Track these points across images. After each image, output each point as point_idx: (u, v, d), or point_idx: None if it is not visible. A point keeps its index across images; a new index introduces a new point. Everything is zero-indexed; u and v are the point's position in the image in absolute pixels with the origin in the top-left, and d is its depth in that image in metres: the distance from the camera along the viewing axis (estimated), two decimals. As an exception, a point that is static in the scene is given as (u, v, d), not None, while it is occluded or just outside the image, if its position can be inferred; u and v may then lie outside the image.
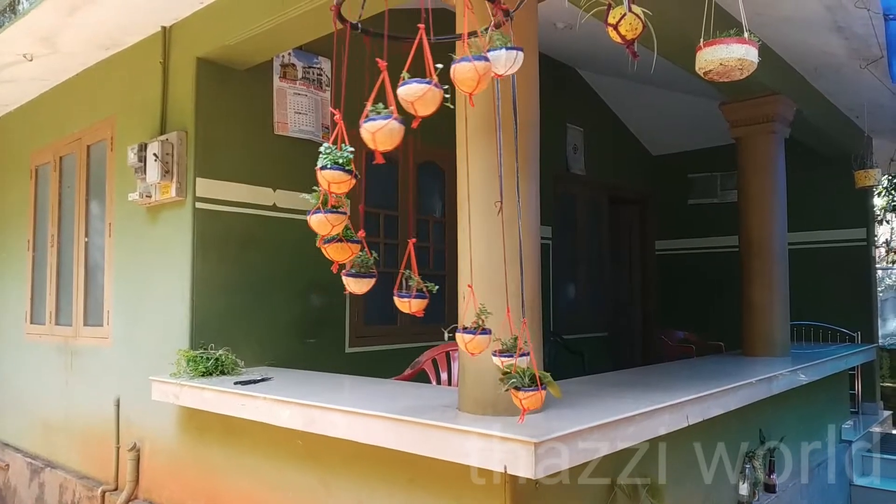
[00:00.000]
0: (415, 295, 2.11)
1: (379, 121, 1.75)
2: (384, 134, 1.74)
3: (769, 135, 5.15)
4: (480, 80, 1.79)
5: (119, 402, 4.61)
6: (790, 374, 4.40)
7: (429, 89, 1.71)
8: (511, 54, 1.90)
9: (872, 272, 7.61)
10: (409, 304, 2.11)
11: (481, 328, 2.14)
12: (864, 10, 3.62)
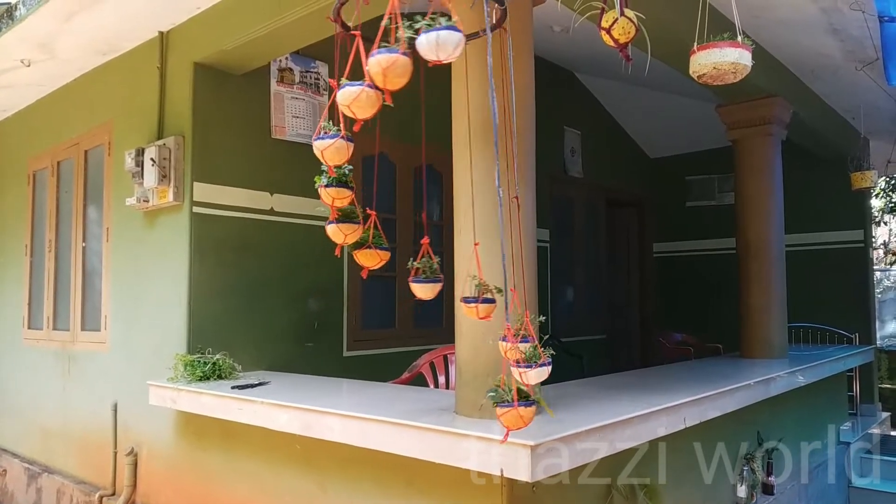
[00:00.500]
0: (483, 299, 2.07)
1: (389, 54, 1.69)
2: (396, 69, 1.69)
3: (766, 137, 5.16)
4: (385, 73, 1.68)
5: (116, 406, 4.61)
6: (788, 375, 4.40)
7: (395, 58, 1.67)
8: (436, 36, 1.65)
9: (870, 274, 7.62)
10: (477, 310, 2.08)
11: (482, 297, 2.09)
12: (860, 13, 3.63)
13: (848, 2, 3.59)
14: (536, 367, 1.89)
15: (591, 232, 7.88)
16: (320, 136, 1.91)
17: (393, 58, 1.67)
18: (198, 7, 4.14)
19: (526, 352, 1.95)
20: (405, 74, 1.71)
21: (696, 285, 8.35)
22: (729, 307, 5.48)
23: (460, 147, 2.69)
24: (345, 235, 2.14)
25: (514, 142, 2.50)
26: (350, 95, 1.74)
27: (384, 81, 1.70)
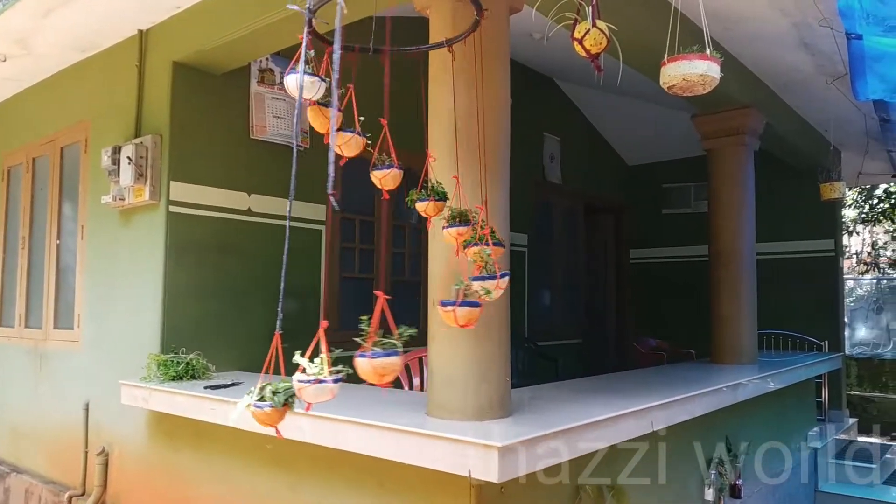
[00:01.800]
0: (461, 302, 1.96)
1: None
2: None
3: (739, 147, 5.27)
4: (381, 182, 2.15)
5: (88, 406, 4.57)
6: (757, 381, 4.49)
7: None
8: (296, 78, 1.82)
9: (840, 282, 7.78)
10: (455, 314, 1.96)
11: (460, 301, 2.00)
12: (829, 29, 3.73)
13: (817, 18, 3.68)
14: (315, 384, 1.64)
15: (569, 237, 7.95)
16: (377, 167, 2.14)
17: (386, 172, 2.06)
18: (178, 6, 4.14)
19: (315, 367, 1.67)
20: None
21: (671, 291, 8.46)
22: (702, 314, 5.57)
23: (435, 151, 2.72)
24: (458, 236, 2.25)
25: (482, 147, 2.54)
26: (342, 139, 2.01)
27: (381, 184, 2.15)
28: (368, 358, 1.57)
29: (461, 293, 1.96)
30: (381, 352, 1.57)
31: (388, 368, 1.58)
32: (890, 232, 15.86)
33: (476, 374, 2.62)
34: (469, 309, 1.94)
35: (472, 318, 1.95)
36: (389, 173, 2.12)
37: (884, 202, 14.52)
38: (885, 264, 15.66)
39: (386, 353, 1.58)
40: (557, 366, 6.46)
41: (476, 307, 1.96)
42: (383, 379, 1.60)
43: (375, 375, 1.59)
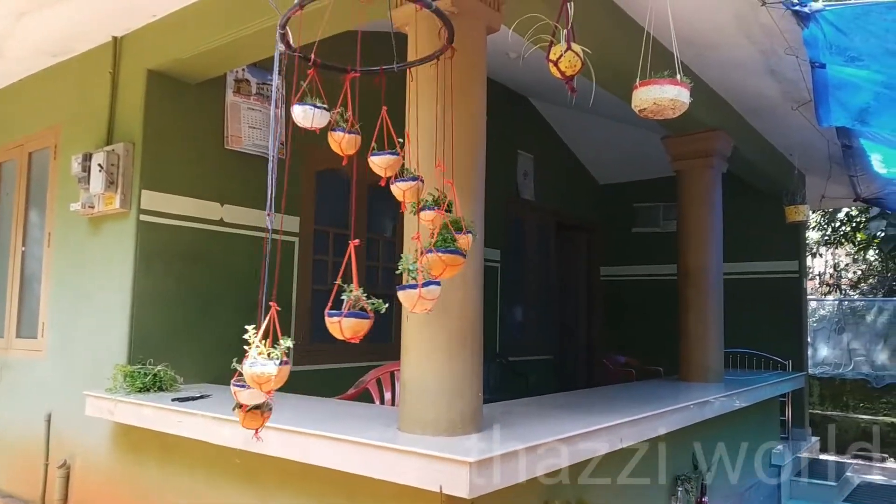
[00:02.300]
0: (348, 313, 1.73)
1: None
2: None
3: (708, 169, 5.39)
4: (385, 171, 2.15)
5: (50, 417, 4.46)
6: (723, 399, 4.56)
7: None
8: (302, 110, 2.13)
9: (804, 303, 7.96)
10: (341, 326, 1.74)
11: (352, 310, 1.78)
12: (794, 57, 3.85)
13: (784, 46, 3.80)
14: (247, 389, 1.77)
15: (542, 254, 8.03)
16: (402, 179, 2.18)
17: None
18: (154, 15, 4.12)
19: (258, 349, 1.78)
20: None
21: (641, 309, 8.58)
22: (671, 331, 5.66)
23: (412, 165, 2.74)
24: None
25: (457, 163, 2.57)
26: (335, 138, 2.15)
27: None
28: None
29: (349, 303, 1.76)
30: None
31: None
32: (851, 254, 16.30)
33: (449, 388, 2.63)
34: (356, 321, 1.75)
35: (359, 331, 1.76)
36: (413, 185, 2.18)
37: (845, 225, 14.92)
38: (846, 286, 16.06)
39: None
40: (528, 381, 6.49)
41: (365, 319, 1.76)
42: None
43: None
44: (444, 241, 2.08)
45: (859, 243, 15.00)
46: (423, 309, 1.97)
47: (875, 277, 15.37)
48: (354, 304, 1.75)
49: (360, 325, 1.75)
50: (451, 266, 2.06)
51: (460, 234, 2.14)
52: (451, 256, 2.06)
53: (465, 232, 2.18)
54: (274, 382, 1.69)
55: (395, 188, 2.20)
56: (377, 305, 1.77)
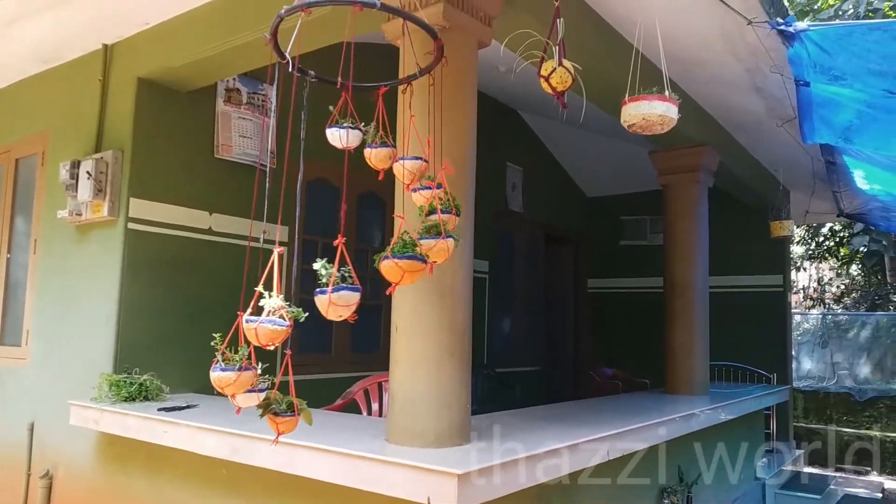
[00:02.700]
0: (263, 320, 1.72)
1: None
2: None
3: (694, 183, 5.45)
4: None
5: (33, 426, 4.41)
6: (709, 412, 4.59)
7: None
8: (338, 133, 2.15)
9: (788, 317, 8.04)
10: (256, 332, 1.72)
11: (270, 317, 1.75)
12: (779, 75, 3.92)
13: (769, 64, 3.87)
14: (246, 393, 1.88)
15: (530, 266, 8.06)
16: (417, 188, 2.19)
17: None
18: (146, 23, 4.12)
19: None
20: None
21: (628, 321, 8.62)
22: (657, 344, 5.69)
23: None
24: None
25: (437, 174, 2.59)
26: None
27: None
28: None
29: (268, 311, 1.74)
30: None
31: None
32: (835, 268, 16.49)
33: (437, 399, 2.63)
34: (272, 328, 1.72)
35: (274, 338, 1.73)
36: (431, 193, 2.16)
37: (829, 240, 15.10)
38: (830, 300, 16.23)
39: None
40: (516, 393, 6.50)
41: (282, 327, 1.73)
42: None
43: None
44: (402, 247, 1.93)
45: (843, 258, 15.18)
46: (338, 316, 1.85)
47: (858, 292, 15.56)
48: (273, 312, 1.73)
49: (276, 333, 1.73)
50: (409, 273, 1.92)
51: (448, 213, 2.07)
52: (410, 262, 1.92)
53: (454, 213, 2.11)
54: (235, 386, 1.80)
55: (414, 198, 2.21)
56: (296, 314, 1.77)
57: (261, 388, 1.87)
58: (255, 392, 1.87)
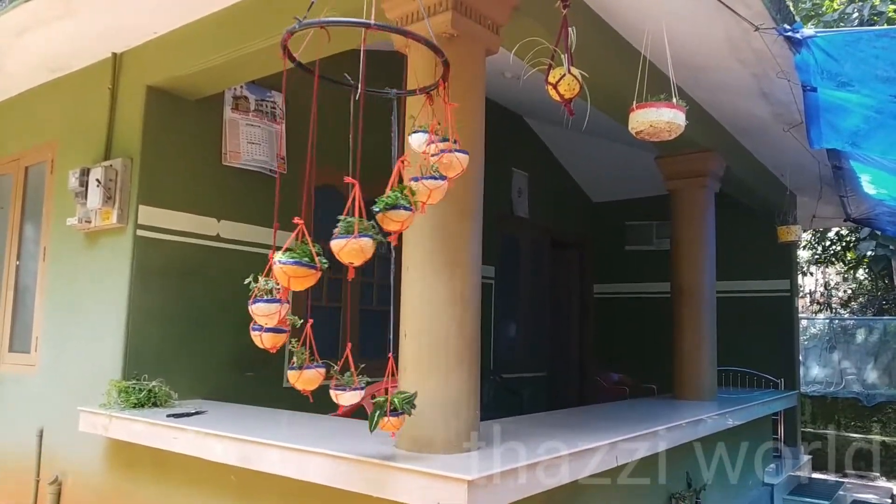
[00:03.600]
0: (266, 329, 1.94)
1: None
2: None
3: (701, 188, 5.45)
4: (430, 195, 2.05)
5: (42, 432, 4.43)
6: (717, 417, 4.58)
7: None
8: (439, 183, 2.10)
9: (795, 322, 8.01)
10: (261, 338, 1.97)
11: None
12: (786, 81, 3.92)
13: (776, 70, 3.87)
14: (350, 391, 2.16)
15: (535, 271, 8.06)
16: (430, 177, 2.09)
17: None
18: (155, 32, 4.15)
19: (343, 377, 2.21)
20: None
21: (633, 327, 8.60)
22: (664, 349, 5.69)
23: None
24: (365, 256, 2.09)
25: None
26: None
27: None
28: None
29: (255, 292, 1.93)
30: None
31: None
32: (841, 273, 16.42)
33: (446, 406, 2.64)
34: (273, 334, 2.01)
35: (277, 343, 2.05)
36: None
37: (836, 244, 15.05)
38: (837, 304, 16.17)
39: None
40: (522, 399, 6.49)
41: (282, 333, 1.99)
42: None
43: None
44: (289, 251, 1.87)
45: (849, 262, 15.12)
46: (264, 323, 1.96)
47: (865, 296, 15.49)
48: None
49: (278, 338, 1.99)
50: (296, 278, 1.86)
51: (454, 151, 2.08)
52: (295, 268, 1.86)
53: (459, 151, 2.11)
54: (276, 318, 1.91)
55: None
56: (293, 321, 2.02)
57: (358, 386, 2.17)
58: (356, 390, 2.18)
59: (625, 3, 3.61)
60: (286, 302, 2.00)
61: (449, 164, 2.09)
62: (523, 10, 3.12)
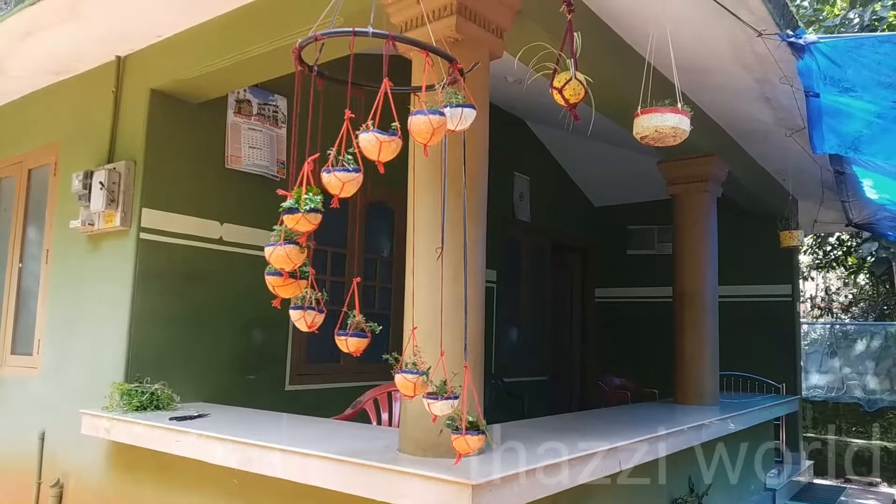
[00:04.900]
0: (352, 333, 2.13)
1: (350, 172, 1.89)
2: (353, 184, 1.90)
3: (703, 193, 5.45)
4: (434, 132, 1.92)
5: (44, 435, 4.42)
6: (719, 422, 4.58)
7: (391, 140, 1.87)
8: (461, 111, 2.01)
9: (797, 326, 8.01)
10: (347, 343, 2.13)
11: (352, 331, 2.17)
12: (789, 86, 3.93)
13: (778, 75, 3.88)
14: (442, 400, 2.11)
15: (537, 275, 8.06)
16: (342, 169, 1.90)
17: (388, 138, 1.88)
18: (158, 35, 4.16)
19: (437, 386, 2.15)
20: (396, 151, 1.91)
21: (635, 331, 8.59)
22: (666, 354, 5.68)
23: (415, 190, 2.78)
24: (293, 263, 2.12)
25: (465, 187, 2.61)
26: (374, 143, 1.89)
27: (378, 156, 1.89)
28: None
29: (352, 325, 2.16)
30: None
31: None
32: (842, 278, 16.41)
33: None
34: (358, 339, 2.16)
35: (360, 346, 2.16)
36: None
37: (836, 249, 15.05)
38: (838, 309, 16.16)
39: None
40: (524, 403, 6.48)
41: (364, 338, 2.15)
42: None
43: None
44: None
45: (850, 267, 15.11)
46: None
47: (866, 301, 15.48)
48: (356, 327, 2.15)
49: (361, 343, 2.16)
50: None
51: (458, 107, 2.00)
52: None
53: (466, 105, 2.02)
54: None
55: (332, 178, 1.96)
56: (374, 328, 2.18)
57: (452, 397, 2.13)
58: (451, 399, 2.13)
59: (627, 8, 3.63)
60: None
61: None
62: (527, 15, 3.13)
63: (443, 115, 1.94)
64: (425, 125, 1.90)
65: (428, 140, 1.92)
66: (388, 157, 1.87)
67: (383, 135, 1.85)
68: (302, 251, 2.08)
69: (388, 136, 1.86)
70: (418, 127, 1.90)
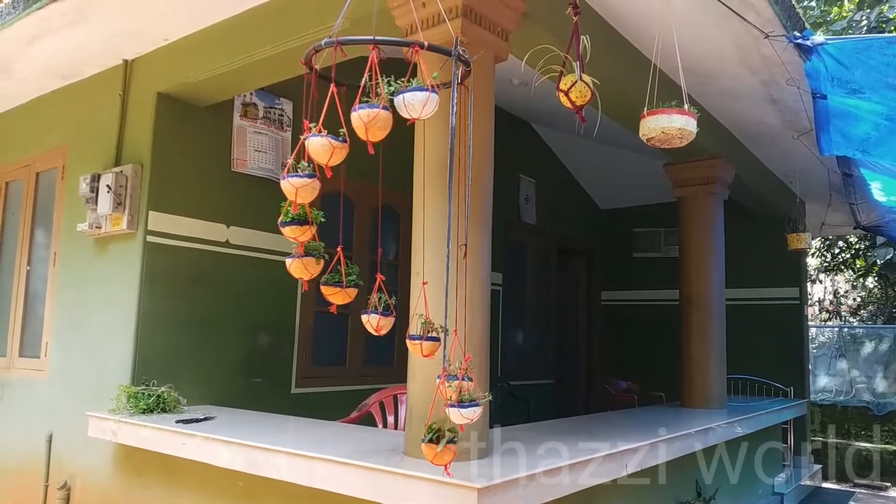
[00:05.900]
0: (426, 337, 2.16)
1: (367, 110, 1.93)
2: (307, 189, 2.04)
3: (709, 196, 5.43)
4: (367, 126, 1.92)
5: (51, 437, 4.44)
6: (726, 426, 4.55)
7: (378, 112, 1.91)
8: (402, 98, 1.95)
9: (805, 329, 7.96)
10: (421, 347, 2.17)
11: (427, 335, 2.19)
12: (795, 88, 3.91)
13: (785, 77, 3.86)
14: (469, 406, 2.04)
15: (543, 278, 8.04)
16: (295, 175, 2.05)
17: (374, 112, 1.91)
18: (165, 39, 4.18)
19: (464, 392, 2.06)
20: (385, 128, 1.95)
21: (642, 334, 8.56)
22: (672, 357, 5.66)
23: (420, 191, 2.78)
24: (310, 273, 2.27)
25: (469, 189, 2.60)
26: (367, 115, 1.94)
27: (366, 134, 1.93)
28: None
29: (426, 330, 2.18)
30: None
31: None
32: (850, 281, 16.32)
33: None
34: (431, 343, 2.19)
35: (434, 349, 2.19)
36: (309, 183, 2.08)
37: (845, 252, 14.97)
38: (846, 312, 16.06)
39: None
40: (529, 406, 6.47)
41: (436, 342, 2.17)
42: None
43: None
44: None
45: (858, 270, 15.03)
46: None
47: (875, 304, 15.38)
48: (429, 331, 2.18)
49: (435, 346, 2.18)
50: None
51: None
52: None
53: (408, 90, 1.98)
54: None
55: (288, 184, 2.08)
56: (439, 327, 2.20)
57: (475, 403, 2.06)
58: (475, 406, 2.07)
59: (633, 10, 3.62)
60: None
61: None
62: (532, 18, 3.13)
63: (374, 108, 1.92)
64: (356, 121, 1.94)
65: (364, 135, 1.95)
66: (338, 161, 2.00)
67: (335, 140, 1.96)
68: (318, 262, 2.17)
69: (340, 143, 1.98)
70: (354, 122, 1.94)
